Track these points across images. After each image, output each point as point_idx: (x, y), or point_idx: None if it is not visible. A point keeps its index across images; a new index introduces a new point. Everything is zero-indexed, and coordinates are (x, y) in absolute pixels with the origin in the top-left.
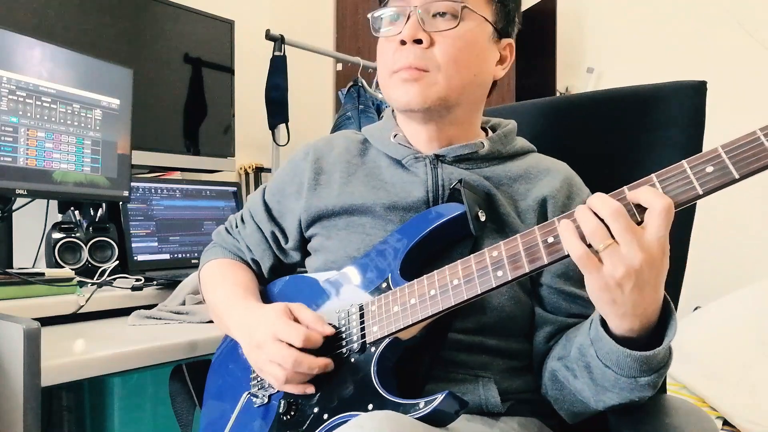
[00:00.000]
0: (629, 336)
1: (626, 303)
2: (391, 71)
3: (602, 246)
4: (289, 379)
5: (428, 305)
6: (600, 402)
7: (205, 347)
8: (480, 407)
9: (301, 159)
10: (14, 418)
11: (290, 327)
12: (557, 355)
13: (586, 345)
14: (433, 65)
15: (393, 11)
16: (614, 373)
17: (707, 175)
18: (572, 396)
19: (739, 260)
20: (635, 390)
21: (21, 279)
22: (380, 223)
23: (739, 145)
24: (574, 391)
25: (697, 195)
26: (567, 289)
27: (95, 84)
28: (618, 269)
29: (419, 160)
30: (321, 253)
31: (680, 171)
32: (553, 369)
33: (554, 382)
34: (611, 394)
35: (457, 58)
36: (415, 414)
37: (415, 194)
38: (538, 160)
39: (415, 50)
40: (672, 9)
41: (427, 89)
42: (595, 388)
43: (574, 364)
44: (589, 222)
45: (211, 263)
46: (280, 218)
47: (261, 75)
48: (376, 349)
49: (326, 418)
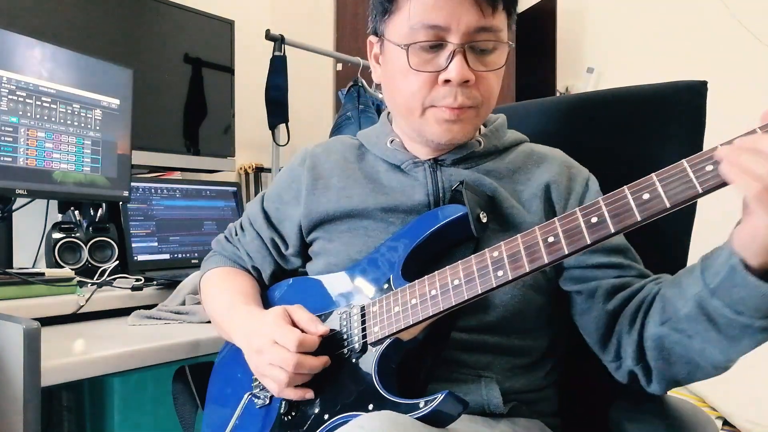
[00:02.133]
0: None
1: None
2: (428, 105)
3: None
4: (291, 381)
5: (429, 305)
6: (733, 353)
7: (205, 347)
8: (482, 408)
9: (298, 165)
10: (14, 418)
11: (287, 331)
12: (658, 321)
13: (705, 297)
14: (477, 102)
15: (432, 42)
16: (749, 317)
17: (707, 173)
18: (687, 359)
19: None
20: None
21: (21, 279)
22: (382, 225)
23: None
24: (692, 352)
25: (697, 194)
26: (595, 261)
27: (95, 84)
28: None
29: (418, 165)
30: (322, 256)
31: (680, 170)
32: (658, 335)
33: (660, 350)
34: (746, 341)
35: (495, 92)
36: (415, 414)
37: (417, 198)
38: (532, 148)
39: (462, 90)
40: (672, 9)
41: (468, 125)
42: (726, 341)
43: (690, 324)
44: (761, 163)
45: (211, 272)
46: (279, 225)
47: (261, 75)
48: (377, 350)
49: (327, 418)
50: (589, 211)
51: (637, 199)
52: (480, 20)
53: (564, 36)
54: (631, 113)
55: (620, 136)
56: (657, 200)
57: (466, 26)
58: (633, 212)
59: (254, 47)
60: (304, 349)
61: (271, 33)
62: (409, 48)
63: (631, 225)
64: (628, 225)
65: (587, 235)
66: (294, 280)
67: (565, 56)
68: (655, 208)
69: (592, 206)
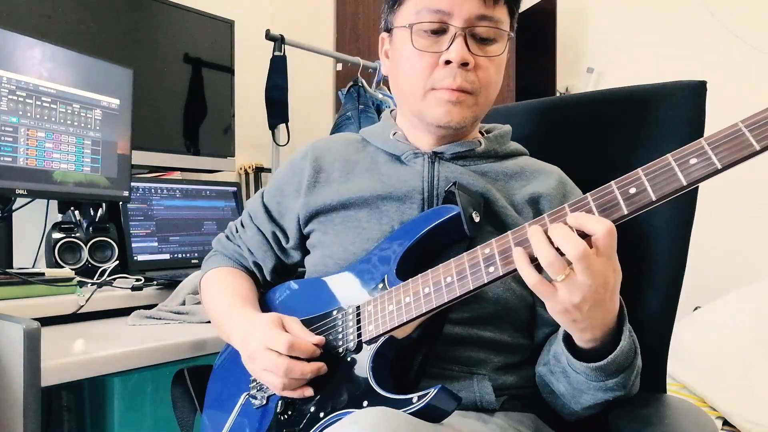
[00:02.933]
0: (593, 344)
1: (585, 320)
2: (429, 88)
3: (561, 277)
4: (285, 386)
5: (422, 303)
6: (578, 404)
7: (205, 347)
8: (474, 403)
9: (301, 159)
10: (14, 418)
11: (278, 335)
12: (542, 361)
13: (560, 352)
14: (475, 88)
15: (437, 26)
16: (584, 378)
17: (691, 166)
18: (557, 398)
19: (739, 260)
20: (608, 391)
21: (21, 279)
22: (375, 216)
23: (722, 137)
24: (557, 393)
25: (682, 186)
26: None
27: (95, 84)
28: (575, 296)
29: (418, 156)
30: (318, 248)
31: (665, 164)
32: (540, 373)
33: (543, 386)
34: (587, 396)
35: (494, 82)
36: (408, 409)
37: (411, 184)
38: (532, 161)
39: (461, 72)
40: (672, 9)
41: (466, 110)
42: (573, 391)
43: (554, 368)
44: (546, 253)
45: (212, 272)
46: (280, 218)
47: (261, 75)
48: (372, 348)
49: (322, 416)
50: (578, 206)
51: (624, 194)
52: (481, 8)
53: (564, 36)
54: (631, 113)
55: (620, 137)
56: (643, 194)
57: (468, 12)
58: (620, 206)
59: (254, 47)
60: (295, 353)
61: (271, 33)
62: (413, 28)
63: (618, 219)
64: (616, 219)
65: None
66: (291, 282)
67: (565, 56)
68: (641, 202)
69: (580, 201)
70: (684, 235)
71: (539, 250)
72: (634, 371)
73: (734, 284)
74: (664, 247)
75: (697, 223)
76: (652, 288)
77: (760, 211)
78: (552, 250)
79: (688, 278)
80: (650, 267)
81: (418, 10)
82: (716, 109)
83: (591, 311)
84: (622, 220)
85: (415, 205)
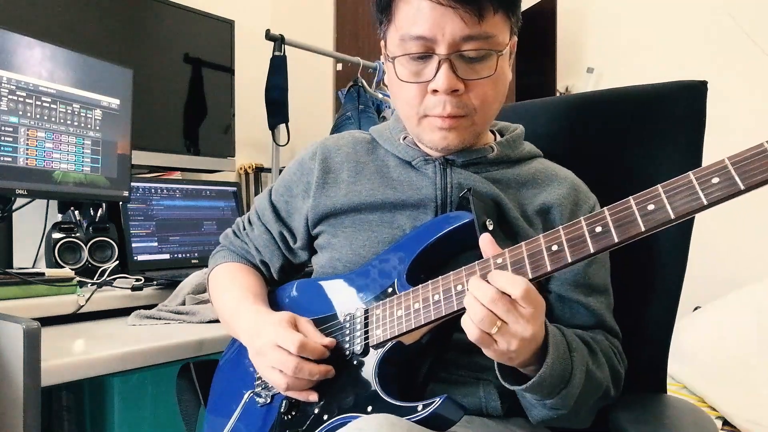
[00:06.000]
0: (530, 367)
1: (521, 356)
2: (422, 115)
3: (494, 330)
4: (291, 386)
5: (431, 310)
6: (533, 418)
7: (206, 347)
8: (479, 409)
9: (309, 158)
10: (14, 418)
11: (289, 334)
12: None
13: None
14: (470, 110)
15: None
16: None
17: (713, 186)
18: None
19: (739, 260)
20: (552, 409)
21: (21, 279)
22: (387, 219)
23: (745, 157)
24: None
25: (702, 206)
26: (575, 297)
27: (95, 84)
28: (512, 343)
29: (429, 162)
30: (327, 250)
31: (686, 182)
32: None
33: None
34: (535, 411)
35: (492, 98)
36: (412, 417)
37: (424, 192)
38: (545, 165)
39: (451, 99)
40: (672, 9)
41: (464, 132)
42: (528, 405)
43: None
44: (477, 311)
45: (220, 267)
46: (288, 218)
47: (261, 75)
48: (379, 352)
49: (326, 418)
50: (594, 221)
51: (642, 210)
52: (465, 29)
53: (564, 36)
54: (631, 113)
55: (620, 136)
56: (662, 211)
57: (451, 36)
58: (637, 222)
59: (254, 47)
60: (305, 353)
61: (271, 33)
62: (395, 60)
63: (635, 235)
64: (632, 235)
65: (591, 244)
66: (300, 282)
67: (565, 56)
68: (659, 219)
69: (596, 216)
70: (684, 236)
71: (470, 306)
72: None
73: (734, 284)
74: (665, 249)
75: (697, 224)
76: (653, 289)
77: (760, 211)
78: (481, 306)
79: (688, 278)
80: (651, 268)
81: (401, 36)
82: (716, 109)
83: (525, 350)
84: (638, 237)
85: (429, 213)
